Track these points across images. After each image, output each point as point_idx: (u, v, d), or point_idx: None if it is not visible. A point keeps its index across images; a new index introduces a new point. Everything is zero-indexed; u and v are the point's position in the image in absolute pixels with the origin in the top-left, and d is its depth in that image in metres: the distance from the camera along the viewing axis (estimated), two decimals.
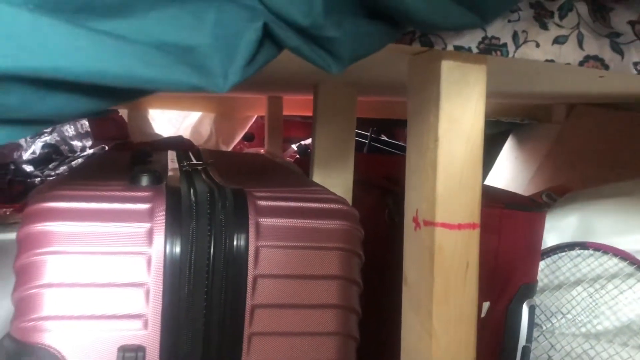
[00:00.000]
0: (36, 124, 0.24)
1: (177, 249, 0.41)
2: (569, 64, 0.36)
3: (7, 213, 0.98)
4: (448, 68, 0.34)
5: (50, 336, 0.40)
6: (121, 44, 0.22)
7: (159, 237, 0.41)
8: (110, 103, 0.25)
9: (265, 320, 0.43)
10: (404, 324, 0.37)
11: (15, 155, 1.28)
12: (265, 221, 0.44)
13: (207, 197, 0.44)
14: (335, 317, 0.45)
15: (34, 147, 1.34)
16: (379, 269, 0.63)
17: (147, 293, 0.41)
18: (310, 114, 0.78)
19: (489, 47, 0.34)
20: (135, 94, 0.25)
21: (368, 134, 1.53)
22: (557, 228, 0.83)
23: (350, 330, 0.46)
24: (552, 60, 0.36)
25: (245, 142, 1.57)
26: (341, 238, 0.45)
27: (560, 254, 0.80)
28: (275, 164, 0.83)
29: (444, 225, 0.34)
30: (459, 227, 0.34)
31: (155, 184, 0.47)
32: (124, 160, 0.67)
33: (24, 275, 0.40)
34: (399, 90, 0.77)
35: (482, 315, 0.68)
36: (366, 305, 0.49)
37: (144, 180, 0.48)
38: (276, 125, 1.23)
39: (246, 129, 1.44)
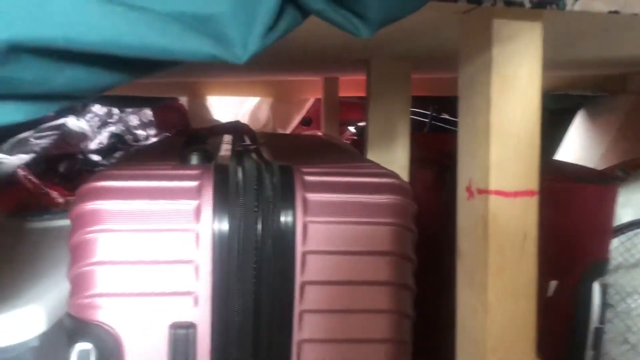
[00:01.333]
0: (56, 99, 0.24)
1: (225, 226, 0.41)
2: (636, 14, 0.33)
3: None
4: (499, 25, 0.32)
5: (104, 313, 0.40)
6: (135, 13, 0.21)
7: (207, 214, 0.41)
8: (129, 76, 0.24)
9: (315, 297, 0.42)
10: (459, 298, 0.35)
11: (83, 145, 1.33)
12: (313, 196, 0.43)
13: (255, 173, 0.43)
14: (388, 294, 0.43)
15: (100, 138, 1.38)
16: (437, 245, 0.61)
17: (197, 270, 0.41)
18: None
19: (543, 1, 0.31)
20: (153, 66, 0.24)
21: (429, 112, 1.49)
22: (633, 203, 0.78)
23: (405, 307, 0.44)
24: (616, 12, 0.32)
25: (303, 127, 1.57)
26: (392, 212, 0.44)
27: (636, 230, 0.75)
28: (329, 144, 0.82)
29: (498, 193, 0.32)
30: (515, 194, 0.32)
31: (205, 163, 0.47)
32: (178, 146, 0.67)
33: (77, 253, 0.41)
34: (455, 64, 0.74)
35: (549, 294, 0.64)
36: (425, 282, 0.47)
37: (194, 160, 0.48)
38: (332, 107, 1.22)
39: (303, 113, 1.43)
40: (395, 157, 0.71)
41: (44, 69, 0.22)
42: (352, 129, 1.58)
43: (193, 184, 0.42)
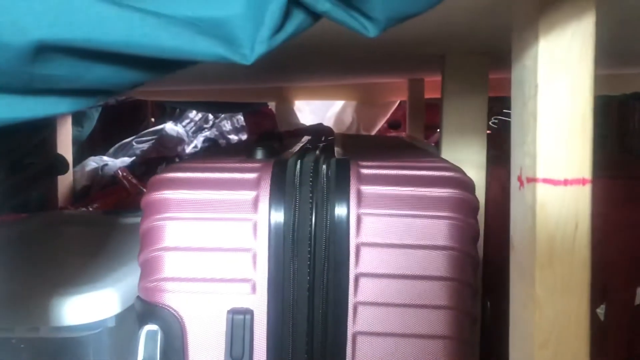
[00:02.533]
0: (92, 94, 0.26)
1: (281, 216, 0.42)
2: None
3: None
4: (548, 7, 0.30)
5: (170, 297, 0.43)
6: (150, 18, 0.23)
7: (264, 205, 0.43)
8: (150, 75, 0.26)
9: (370, 290, 0.42)
10: (511, 292, 0.34)
11: (179, 149, 1.40)
12: (368, 189, 0.43)
13: (311, 166, 0.44)
14: (446, 290, 0.42)
15: (196, 142, 1.46)
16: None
17: (254, 258, 0.42)
18: None
19: None
20: (170, 66, 0.26)
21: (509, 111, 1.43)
22: None
23: (464, 304, 0.43)
24: None
25: (391, 130, 1.56)
26: (451, 206, 0.43)
27: None
28: (408, 144, 0.81)
29: (546, 180, 0.30)
30: (565, 182, 0.30)
31: (268, 158, 0.49)
32: (250, 144, 0.70)
33: (146, 239, 0.44)
34: None
35: (637, 302, 0.60)
36: (496, 280, 0.45)
37: (258, 154, 0.50)
38: (418, 109, 1.21)
39: (388, 115, 1.43)
40: (470, 156, 0.70)
41: (74, 67, 0.24)
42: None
43: (252, 175, 0.44)
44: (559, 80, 0.30)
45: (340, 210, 0.42)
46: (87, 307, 0.48)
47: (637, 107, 1.28)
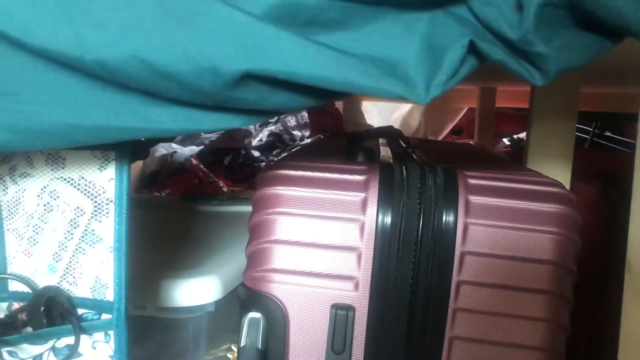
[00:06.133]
0: (265, 114, 0.29)
1: (388, 219, 0.44)
2: None
3: (239, 190, 1.11)
4: None
5: (275, 287, 0.45)
6: (340, 56, 0.26)
7: (372, 207, 0.44)
8: (323, 100, 0.29)
9: (471, 297, 0.43)
10: (624, 310, 0.35)
11: (246, 141, 1.44)
12: (476, 199, 0.44)
13: (418, 173, 0.46)
14: (545, 303, 0.43)
15: (261, 135, 1.49)
16: (596, 258, 0.58)
17: (359, 257, 0.44)
18: (524, 105, 0.75)
19: None
20: (344, 95, 0.28)
21: (590, 129, 1.41)
22: None
23: (561, 318, 0.44)
24: None
25: (453, 136, 1.56)
26: (556, 222, 0.44)
27: None
28: (485, 152, 0.82)
29: None
30: None
31: (370, 160, 0.50)
32: (339, 145, 0.72)
33: (257, 231, 0.46)
34: (628, 78, 0.70)
35: None
36: (581, 295, 0.46)
37: (360, 157, 0.51)
38: (488, 118, 1.20)
39: (455, 121, 1.43)
40: (556, 170, 0.70)
41: (264, 93, 0.27)
42: (506, 140, 1.54)
43: (361, 177, 0.46)
44: None
45: (447, 218, 0.43)
46: (193, 291, 0.50)
47: None
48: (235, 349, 0.60)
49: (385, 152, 0.60)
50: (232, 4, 0.25)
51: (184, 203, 0.92)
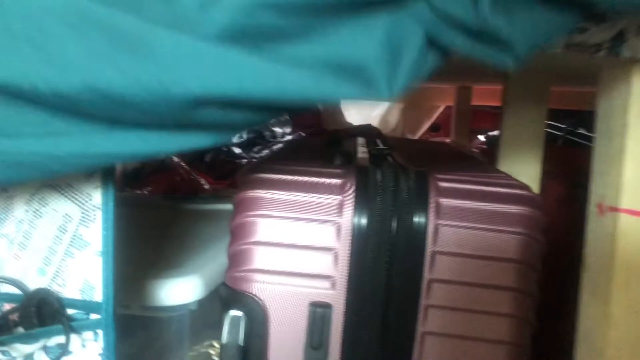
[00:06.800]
0: (238, 128, 0.30)
1: (364, 221, 0.46)
2: None
3: (221, 189, 1.13)
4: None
5: (256, 286, 0.47)
6: (294, 69, 0.26)
7: (348, 209, 0.46)
8: (289, 111, 0.31)
9: (441, 294, 0.46)
10: (582, 308, 0.37)
11: None
12: (446, 202, 0.46)
13: (392, 176, 0.48)
14: (511, 300, 0.46)
15: (241, 132, 1.50)
16: (562, 256, 0.61)
17: (336, 257, 0.46)
18: (499, 103, 0.78)
19: None
20: (306, 106, 0.29)
21: (564, 126, 1.44)
22: None
23: (526, 314, 0.46)
24: None
25: (431, 132, 1.58)
26: (522, 223, 0.46)
27: None
28: (459, 152, 0.84)
29: (629, 211, 0.33)
30: None
31: (347, 163, 0.52)
32: (318, 145, 0.74)
33: (238, 233, 0.48)
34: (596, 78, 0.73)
35: None
36: (547, 294, 0.49)
37: (338, 160, 0.53)
38: (464, 116, 1.23)
39: (432, 119, 1.45)
40: (526, 168, 0.72)
41: (225, 112, 0.28)
42: (481, 137, 1.57)
43: (337, 181, 0.48)
44: None
45: (419, 220, 0.46)
46: (176, 291, 0.52)
47: None
48: (217, 345, 0.62)
49: (362, 153, 0.62)
50: (179, 29, 0.26)
51: (166, 201, 0.93)
